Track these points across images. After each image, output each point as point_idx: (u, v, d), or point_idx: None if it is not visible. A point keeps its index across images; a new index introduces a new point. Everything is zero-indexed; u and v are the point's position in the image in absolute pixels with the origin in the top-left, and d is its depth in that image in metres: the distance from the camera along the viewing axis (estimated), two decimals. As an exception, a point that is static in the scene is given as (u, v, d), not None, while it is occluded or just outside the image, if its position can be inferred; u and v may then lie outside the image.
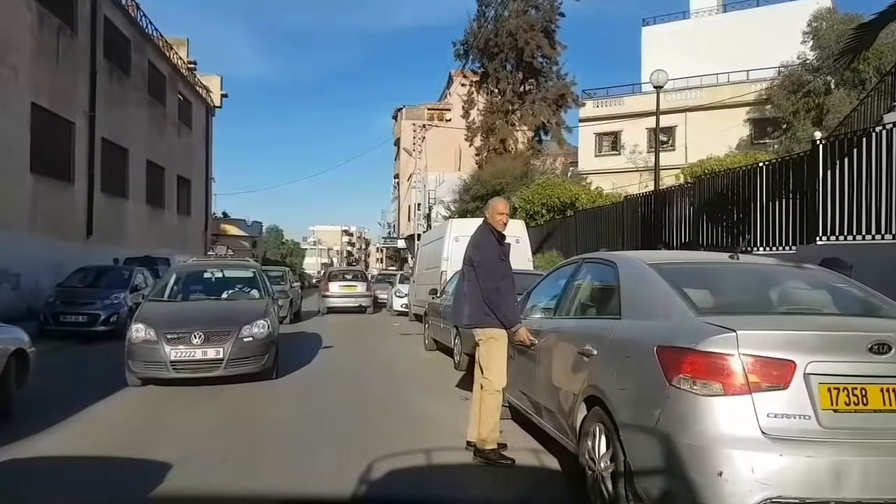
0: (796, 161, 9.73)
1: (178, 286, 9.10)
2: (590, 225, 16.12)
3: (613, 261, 4.08)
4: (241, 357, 7.34)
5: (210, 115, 34.43)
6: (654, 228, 12.62)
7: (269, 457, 4.77)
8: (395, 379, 8.56)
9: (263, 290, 8.90)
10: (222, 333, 7.33)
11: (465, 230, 14.36)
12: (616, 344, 3.46)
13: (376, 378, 8.65)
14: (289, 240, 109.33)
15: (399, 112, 54.40)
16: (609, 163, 32.82)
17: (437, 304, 10.88)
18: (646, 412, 2.95)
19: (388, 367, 9.62)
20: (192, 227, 31.10)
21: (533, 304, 5.21)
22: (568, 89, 29.15)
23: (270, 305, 8.39)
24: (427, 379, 8.55)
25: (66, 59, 17.42)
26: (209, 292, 9.21)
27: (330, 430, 5.66)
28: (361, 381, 8.30)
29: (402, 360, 10.36)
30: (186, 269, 9.78)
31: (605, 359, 3.49)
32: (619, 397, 3.21)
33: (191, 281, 9.48)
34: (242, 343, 7.39)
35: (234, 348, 7.29)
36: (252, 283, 9.26)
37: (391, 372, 9.18)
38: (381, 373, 9.12)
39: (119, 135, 21.18)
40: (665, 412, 2.82)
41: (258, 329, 7.57)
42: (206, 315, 7.80)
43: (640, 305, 3.53)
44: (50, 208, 16.60)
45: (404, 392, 7.52)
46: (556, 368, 4.22)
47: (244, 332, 7.45)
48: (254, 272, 9.40)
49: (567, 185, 20.74)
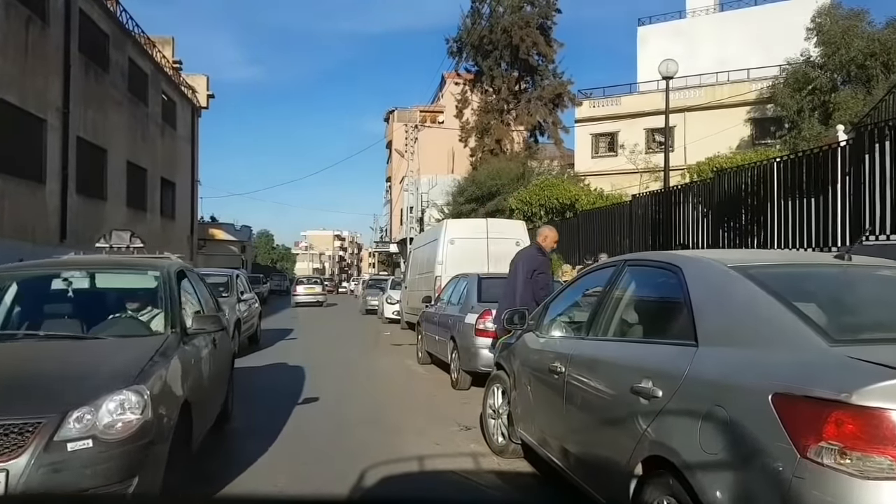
0: (833, 151, 8.84)
1: None
2: (593, 226, 15.24)
3: (675, 263, 3.03)
4: None
5: (196, 116, 33.39)
6: (665, 229, 11.74)
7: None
8: (383, 403, 7.41)
9: (167, 317, 4.39)
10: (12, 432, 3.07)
11: (462, 232, 13.46)
12: (696, 385, 2.44)
13: (360, 404, 7.31)
14: (280, 245, 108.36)
15: (391, 114, 53.67)
16: (606, 164, 32.01)
17: (431, 314, 9.87)
18: (756, 495, 1.97)
19: (376, 387, 8.46)
20: (177, 231, 30.04)
21: (553, 319, 4.18)
22: (565, 88, 28.34)
23: (174, 349, 4.05)
24: (420, 401, 7.49)
25: (37, 52, 16.38)
26: (60, 322, 4.72)
27: (299, 473, 4.67)
28: (345, 406, 7.07)
29: (392, 377, 9.29)
30: (22, 274, 5.22)
31: (679, 405, 2.46)
32: (705, 467, 2.18)
33: (32, 299, 5.08)
34: (58, 455, 3.08)
35: (31, 470, 3.01)
36: (151, 301, 4.69)
37: (379, 393, 8.05)
38: (368, 393, 8.00)
39: (96, 134, 20.13)
40: (793, 499, 1.84)
41: (110, 415, 3.24)
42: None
43: (729, 327, 2.51)
44: (17, 210, 15.54)
45: (394, 421, 6.30)
46: (595, 408, 3.22)
47: (67, 428, 3.14)
48: (158, 279, 4.71)
49: (566, 185, 19.87)
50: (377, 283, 27.47)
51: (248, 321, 11.58)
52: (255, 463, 4.73)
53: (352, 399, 7.48)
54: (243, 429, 5.88)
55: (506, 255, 12.78)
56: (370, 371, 9.79)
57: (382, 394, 7.89)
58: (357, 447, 5.18)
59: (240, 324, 10.64)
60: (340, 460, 4.85)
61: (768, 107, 26.98)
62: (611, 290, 3.54)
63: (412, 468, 4.58)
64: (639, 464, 2.62)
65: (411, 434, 5.69)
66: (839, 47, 21.16)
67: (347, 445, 5.31)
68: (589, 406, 3.28)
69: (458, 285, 8.98)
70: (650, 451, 2.54)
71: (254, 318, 12.21)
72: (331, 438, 5.58)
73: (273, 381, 8.72)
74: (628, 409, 2.80)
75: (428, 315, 10.10)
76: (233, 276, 11.70)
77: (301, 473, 4.58)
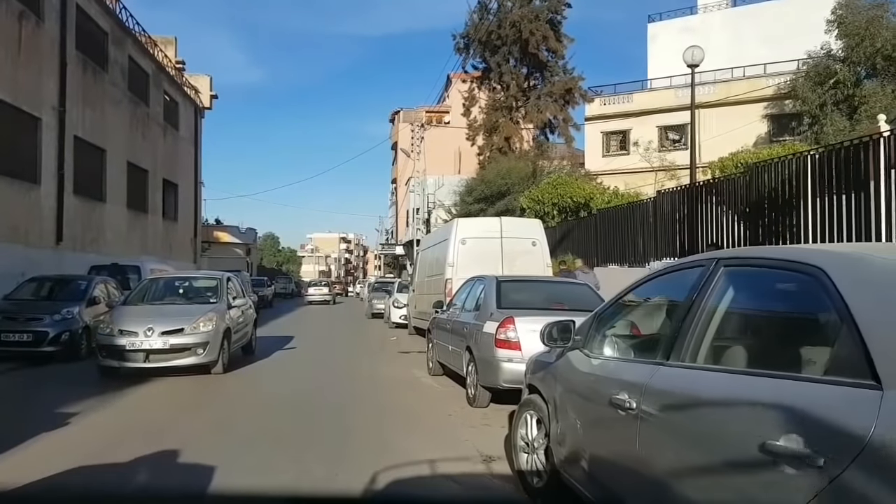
0: (875, 142, 8.07)
1: None
2: (613, 226, 14.42)
3: (811, 262, 2.18)
4: None
5: (199, 117, 32.81)
6: (691, 227, 10.98)
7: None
8: (390, 422, 6.43)
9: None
10: None
11: (474, 231, 12.57)
12: (891, 453, 1.56)
13: (363, 422, 6.40)
14: (285, 247, 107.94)
15: (396, 115, 53.04)
16: (618, 163, 31.18)
17: (443, 320, 8.99)
18: None
19: (382, 403, 7.47)
20: (179, 234, 29.46)
21: (608, 334, 3.30)
22: (575, 83, 27.53)
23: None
24: (433, 422, 6.47)
25: (31, 48, 15.79)
26: None
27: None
28: (345, 427, 6.14)
29: (400, 391, 8.27)
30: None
31: (859, 482, 1.60)
32: None
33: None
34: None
35: None
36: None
37: (386, 412, 7.00)
38: (372, 413, 6.92)
39: (95, 133, 19.54)
40: None
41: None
42: None
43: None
44: (9, 211, 14.93)
45: (402, 447, 5.33)
46: (698, 466, 2.29)
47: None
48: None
49: (580, 183, 19.09)
50: (383, 285, 26.73)
51: (241, 330, 10.32)
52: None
53: (353, 418, 6.66)
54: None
55: (521, 255, 12.16)
56: (375, 382, 9.00)
57: (389, 412, 7.00)
58: (357, 480, 4.30)
59: (229, 333, 9.49)
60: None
61: (786, 102, 26.12)
62: (700, 300, 2.65)
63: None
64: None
65: (424, 466, 4.71)
66: (863, 39, 20.36)
67: (347, 480, 4.45)
68: (681, 459, 2.42)
69: (474, 289, 8.17)
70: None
71: (248, 325, 10.93)
72: (328, 470, 4.77)
73: (263, 401, 8.00)
74: (760, 479, 1.94)
75: (439, 321, 9.18)
76: (222, 279, 10.43)
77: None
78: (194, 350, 8.68)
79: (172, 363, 8.58)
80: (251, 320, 11.17)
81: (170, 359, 8.56)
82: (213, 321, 8.97)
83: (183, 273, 13.80)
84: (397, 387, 8.59)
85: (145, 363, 8.52)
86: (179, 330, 8.73)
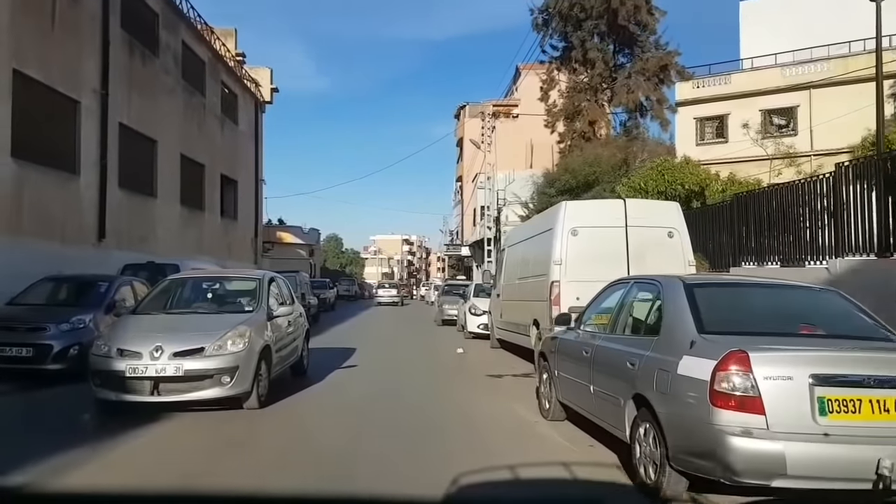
0: None
1: None
2: (760, 214, 11.15)
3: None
4: None
5: (259, 111, 31.33)
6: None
7: None
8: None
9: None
10: None
11: (588, 218, 9.18)
12: None
13: None
14: (349, 249, 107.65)
15: (462, 109, 50.83)
16: (715, 151, 27.67)
17: (573, 344, 5.94)
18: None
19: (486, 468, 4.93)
20: (239, 233, 27.95)
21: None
22: (671, 59, 24.31)
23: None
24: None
25: (67, 22, 14.14)
26: None
27: None
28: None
29: (508, 445, 5.66)
30: None
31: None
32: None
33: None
34: None
35: None
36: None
37: None
38: None
39: (143, 122, 17.91)
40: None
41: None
42: None
43: None
44: (42, 204, 13.26)
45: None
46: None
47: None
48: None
49: (692, 167, 16.00)
50: (454, 288, 24.26)
51: (287, 346, 8.06)
52: None
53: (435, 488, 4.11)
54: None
55: (653, 249, 8.80)
56: (471, 427, 6.35)
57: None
58: None
59: (269, 353, 7.12)
60: None
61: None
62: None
63: None
64: None
65: None
66: None
67: None
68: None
69: (631, 296, 5.28)
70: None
71: (297, 339, 8.64)
72: None
73: (313, 457, 5.59)
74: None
75: (567, 346, 6.11)
76: (262, 280, 8.00)
77: None
78: (218, 378, 6.35)
79: (188, 396, 6.30)
80: (301, 332, 8.77)
81: (185, 389, 6.26)
82: (246, 338, 6.56)
83: (210, 273, 11.20)
84: (500, 436, 5.98)
85: (153, 396, 6.23)
86: (199, 350, 6.40)
